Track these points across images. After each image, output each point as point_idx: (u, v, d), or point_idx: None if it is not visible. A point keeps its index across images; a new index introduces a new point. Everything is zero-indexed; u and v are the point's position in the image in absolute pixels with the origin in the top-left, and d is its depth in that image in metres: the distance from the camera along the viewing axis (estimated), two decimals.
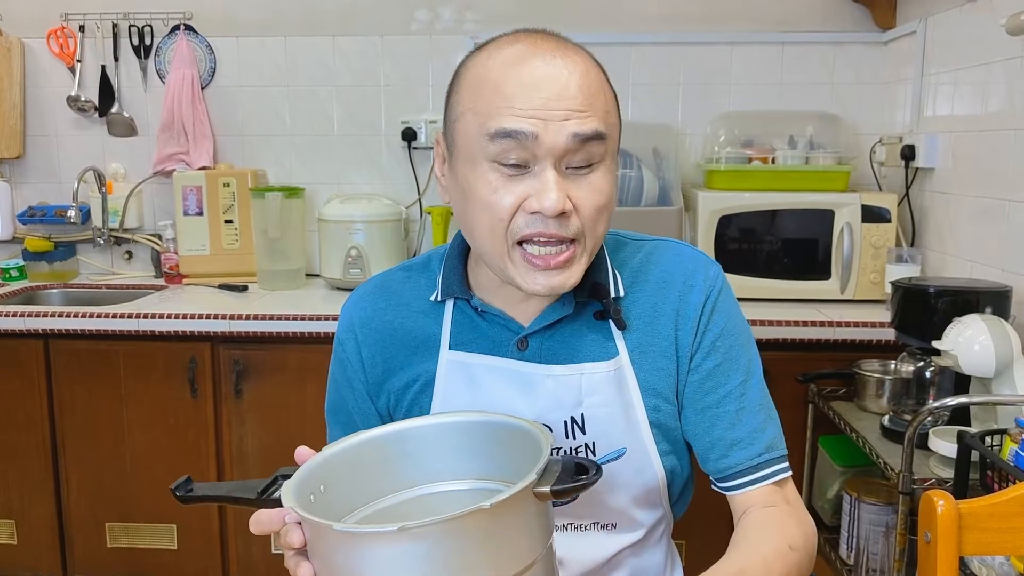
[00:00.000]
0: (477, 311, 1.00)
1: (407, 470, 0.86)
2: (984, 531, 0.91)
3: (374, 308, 1.05)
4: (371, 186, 2.77)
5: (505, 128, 0.85)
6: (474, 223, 0.90)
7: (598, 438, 0.97)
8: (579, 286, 0.96)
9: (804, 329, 2.09)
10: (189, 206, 2.66)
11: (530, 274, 0.89)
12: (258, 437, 2.25)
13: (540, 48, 0.88)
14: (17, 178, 2.84)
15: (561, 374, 0.97)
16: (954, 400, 1.53)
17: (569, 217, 0.88)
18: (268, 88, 2.76)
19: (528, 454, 0.75)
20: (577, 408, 0.97)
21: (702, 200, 2.32)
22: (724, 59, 2.65)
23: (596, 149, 0.88)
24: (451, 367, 1.00)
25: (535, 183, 0.86)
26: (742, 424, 0.98)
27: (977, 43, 2.06)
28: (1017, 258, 1.88)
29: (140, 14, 2.73)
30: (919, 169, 2.35)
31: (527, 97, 0.85)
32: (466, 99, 0.90)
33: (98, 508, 2.32)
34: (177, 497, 0.82)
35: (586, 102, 0.87)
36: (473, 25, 2.69)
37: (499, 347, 0.99)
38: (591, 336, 0.98)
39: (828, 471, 2.04)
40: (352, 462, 0.83)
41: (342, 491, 0.82)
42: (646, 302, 1.00)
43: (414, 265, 1.08)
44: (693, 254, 1.03)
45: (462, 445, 0.85)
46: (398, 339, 1.03)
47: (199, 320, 2.18)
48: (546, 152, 0.86)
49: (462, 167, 0.90)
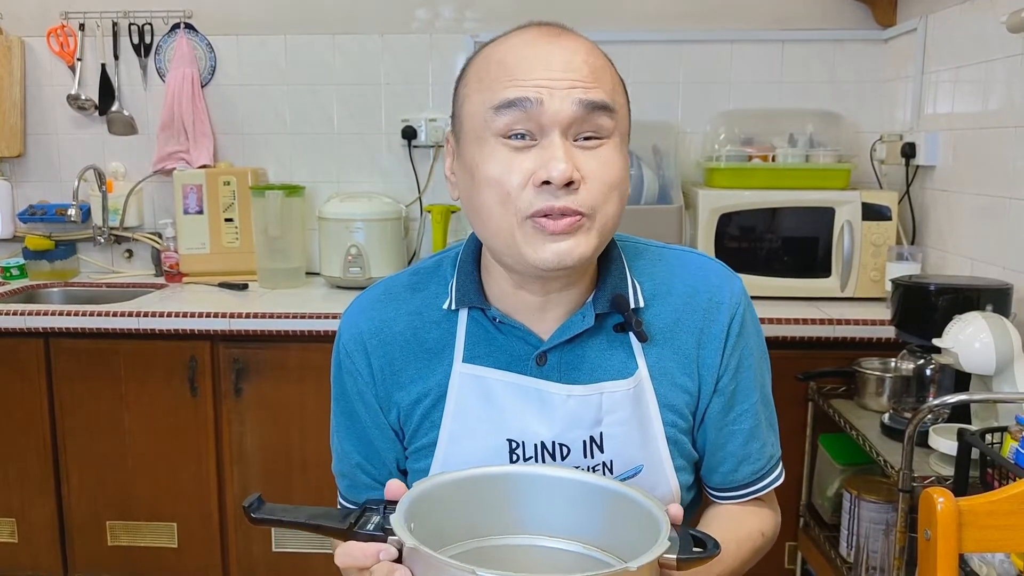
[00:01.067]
0: (494, 322, 0.95)
1: (512, 514, 0.84)
2: (984, 528, 0.91)
3: (383, 318, 0.99)
4: (371, 185, 2.77)
5: (510, 98, 0.84)
6: (482, 203, 0.87)
7: (616, 456, 0.95)
8: (598, 298, 0.94)
9: (804, 327, 2.09)
10: (189, 205, 2.66)
11: (539, 243, 0.85)
12: (258, 436, 2.25)
13: (545, 32, 0.89)
14: (17, 177, 2.84)
15: (581, 394, 0.93)
16: (954, 398, 1.52)
17: (578, 189, 0.85)
18: (268, 86, 2.76)
19: (641, 529, 0.75)
20: (596, 427, 0.94)
21: (702, 198, 2.32)
22: (724, 57, 2.65)
23: (604, 122, 0.86)
24: (464, 380, 0.95)
25: (543, 154, 0.84)
26: (755, 440, 0.99)
27: (977, 41, 2.06)
28: (1018, 256, 1.88)
29: (140, 12, 2.73)
30: (920, 167, 2.34)
31: (532, 69, 0.85)
32: (472, 81, 0.90)
33: (98, 506, 2.32)
34: (250, 517, 0.77)
35: (592, 75, 0.86)
36: (473, 24, 2.69)
37: (516, 362, 0.95)
38: (611, 351, 0.95)
39: (828, 469, 2.04)
40: (454, 497, 0.81)
41: (437, 525, 0.80)
42: (668, 316, 0.97)
43: (423, 269, 1.02)
44: (717, 268, 1.01)
45: (576, 504, 0.83)
46: (409, 350, 0.98)
47: (199, 319, 2.18)
48: (552, 121, 0.84)
49: (469, 150, 0.89)
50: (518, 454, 0.94)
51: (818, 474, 2.09)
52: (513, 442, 0.94)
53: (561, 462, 0.94)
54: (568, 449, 0.94)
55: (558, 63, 0.85)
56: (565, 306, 0.95)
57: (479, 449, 0.94)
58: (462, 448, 0.95)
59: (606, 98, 0.86)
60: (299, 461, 2.23)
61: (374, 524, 0.76)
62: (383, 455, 1.01)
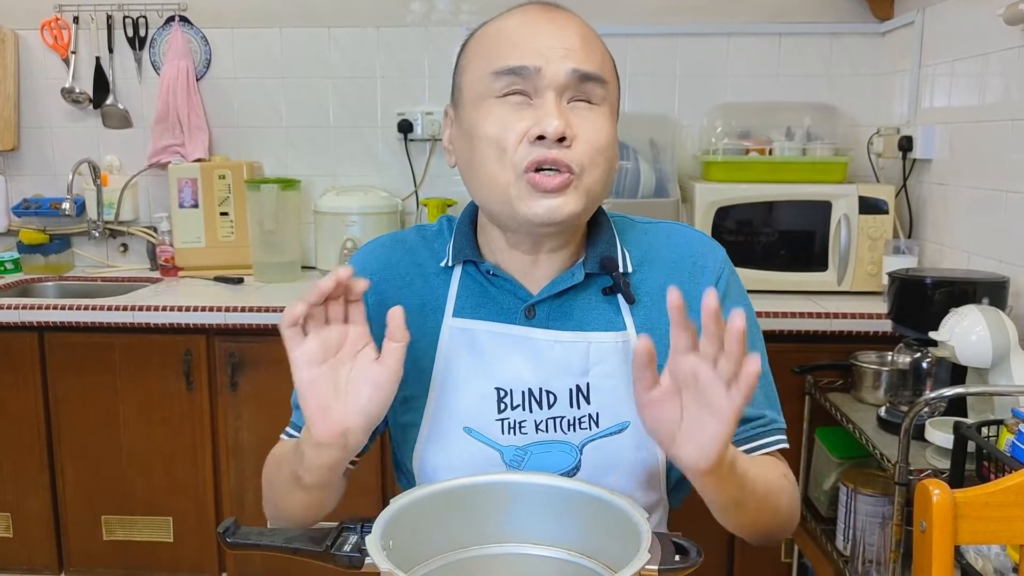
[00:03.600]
0: (487, 275, 1.00)
1: (494, 524, 0.84)
2: (979, 520, 0.91)
3: (389, 259, 1.05)
4: (367, 178, 2.76)
5: (509, 64, 0.91)
6: (481, 161, 0.92)
7: (602, 409, 0.97)
8: (588, 259, 0.99)
9: (801, 321, 2.08)
10: (184, 198, 2.65)
11: (532, 199, 0.91)
12: (253, 430, 2.24)
13: (543, 8, 0.96)
14: (11, 170, 2.83)
15: (568, 340, 0.97)
16: (950, 391, 1.52)
17: (570, 145, 0.90)
18: (263, 80, 2.75)
19: (623, 535, 0.75)
20: (583, 376, 0.97)
21: (699, 192, 2.32)
22: (721, 50, 2.64)
23: (596, 90, 0.93)
24: (454, 334, 1.00)
25: (538, 112, 0.90)
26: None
27: (974, 34, 2.05)
28: (1014, 249, 1.88)
29: (134, 5, 2.71)
30: (916, 160, 2.34)
31: (530, 39, 0.92)
32: (472, 53, 0.96)
33: (94, 501, 2.31)
34: (226, 543, 0.78)
35: (586, 48, 0.93)
36: (468, 16, 2.67)
37: (506, 313, 0.99)
38: (600, 307, 1.00)
39: (825, 462, 2.04)
40: (435, 510, 0.82)
41: (419, 539, 0.80)
42: (655, 281, 1.01)
43: (428, 229, 1.09)
44: (700, 237, 1.05)
45: (558, 511, 0.84)
46: (407, 296, 1.02)
47: (194, 312, 2.17)
48: (548, 84, 0.90)
49: (468, 114, 0.94)
50: (506, 402, 0.97)
51: (815, 467, 2.09)
52: (501, 390, 0.97)
53: (548, 410, 0.96)
54: (554, 396, 0.97)
55: (555, 36, 0.92)
56: (556, 265, 1.00)
57: (468, 399, 0.98)
58: (451, 399, 0.99)
59: (598, 70, 0.93)
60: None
61: (351, 545, 0.77)
62: None
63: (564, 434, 0.97)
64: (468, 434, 0.98)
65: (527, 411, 0.97)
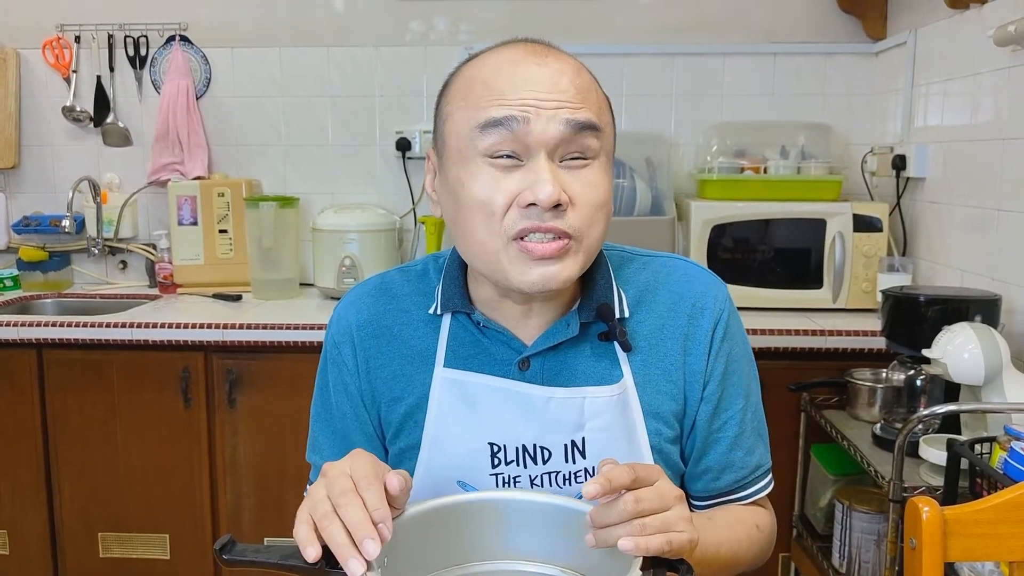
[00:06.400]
0: (478, 326, 0.96)
1: (490, 540, 0.84)
2: (969, 537, 0.91)
3: (372, 311, 1.00)
4: (365, 196, 2.78)
5: (495, 117, 0.84)
6: (467, 225, 0.87)
7: (598, 463, 0.93)
8: (583, 307, 0.94)
9: (796, 338, 2.09)
10: (183, 216, 2.66)
11: (525, 266, 0.86)
12: (251, 447, 2.24)
13: (531, 50, 0.88)
14: (12, 188, 2.85)
15: (563, 397, 0.93)
16: (943, 408, 1.53)
17: (565, 211, 0.85)
18: (263, 98, 2.77)
19: (612, 550, 0.75)
20: (578, 432, 0.94)
21: (695, 209, 2.33)
22: (717, 70, 2.67)
23: (590, 142, 0.86)
24: (446, 385, 0.96)
25: (529, 176, 0.84)
26: (738, 448, 0.99)
27: (966, 54, 2.08)
28: (1006, 267, 1.89)
29: (135, 25, 2.74)
30: (910, 179, 2.36)
31: (517, 90, 0.84)
32: (455, 99, 0.89)
33: (91, 518, 2.31)
34: (222, 559, 0.78)
35: (578, 95, 0.86)
36: (467, 36, 2.70)
37: (499, 366, 0.95)
38: (595, 359, 0.95)
39: (820, 480, 2.04)
40: (431, 526, 0.82)
41: (414, 555, 0.80)
42: (653, 323, 0.97)
43: (411, 270, 1.04)
44: (701, 274, 1.01)
45: (552, 528, 0.83)
46: (395, 347, 0.99)
47: (193, 329, 2.18)
48: (538, 142, 0.84)
49: (453, 170, 0.88)
50: (500, 457, 0.94)
51: (811, 485, 2.10)
52: (495, 445, 0.94)
53: (543, 466, 0.94)
54: (549, 452, 0.94)
55: (545, 83, 0.85)
56: (550, 314, 0.96)
57: (461, 453, 0.95)
58: (444, 452, 0.96)
59: (593, 118, 0.86)
60: (293, 472, 2.23)
61: None
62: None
63: (559, 488, 0.95)
64: (463, 488, 0.95)
65: (521, 466, 0.94)
